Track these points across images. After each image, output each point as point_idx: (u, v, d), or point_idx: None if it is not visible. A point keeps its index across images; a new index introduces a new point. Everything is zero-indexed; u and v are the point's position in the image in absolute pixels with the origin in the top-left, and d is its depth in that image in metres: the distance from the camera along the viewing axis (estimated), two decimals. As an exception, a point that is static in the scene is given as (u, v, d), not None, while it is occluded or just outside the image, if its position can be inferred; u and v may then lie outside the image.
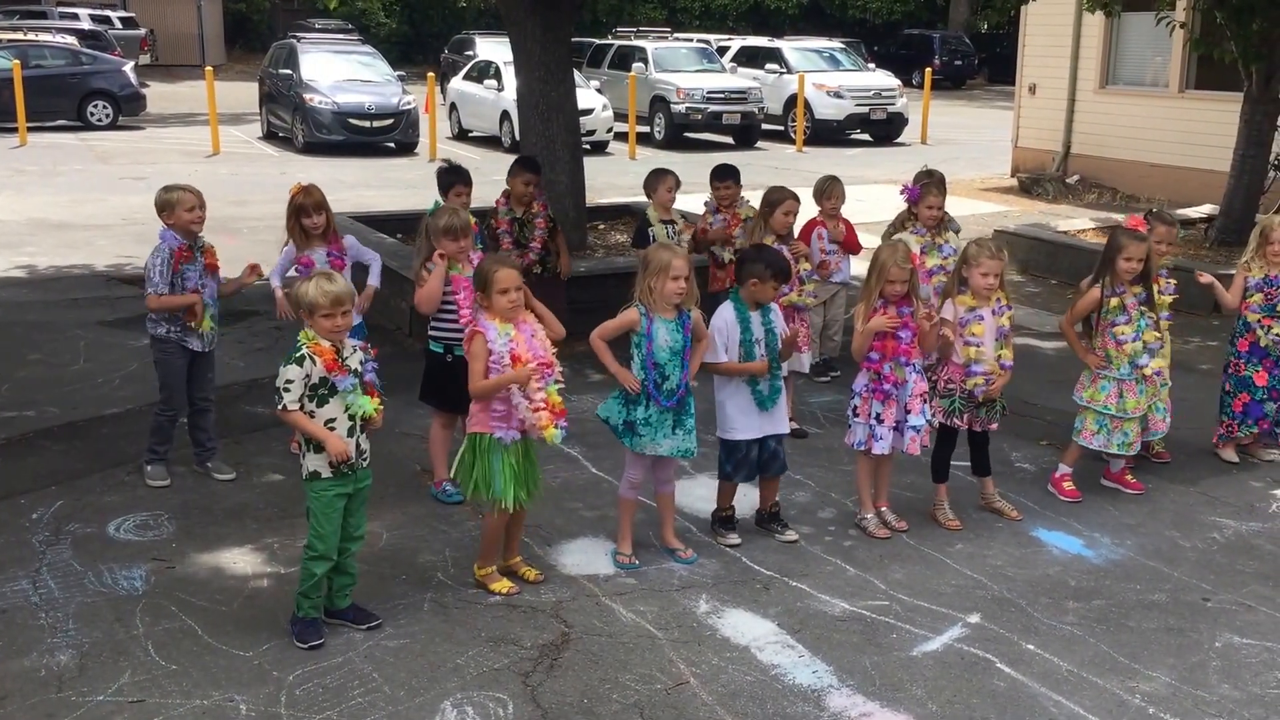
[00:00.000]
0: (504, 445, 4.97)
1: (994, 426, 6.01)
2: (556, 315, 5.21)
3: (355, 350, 4.75)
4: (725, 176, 8.04)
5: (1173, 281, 6.61)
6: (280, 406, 4.59)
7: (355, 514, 4.81)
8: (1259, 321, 6.77)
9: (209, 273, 6.20)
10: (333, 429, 4.62)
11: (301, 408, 4.59)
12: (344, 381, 4.62)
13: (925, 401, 5.74)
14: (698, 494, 6.14)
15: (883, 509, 5.93)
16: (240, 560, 5.45)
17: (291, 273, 6.27)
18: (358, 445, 4.69)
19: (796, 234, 7.45)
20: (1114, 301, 6.15)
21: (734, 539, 5.68)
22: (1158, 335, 6.24)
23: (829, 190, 7.97)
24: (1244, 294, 6.84)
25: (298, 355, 4.58)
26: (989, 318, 5.85)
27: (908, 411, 5.69)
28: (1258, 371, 6.83)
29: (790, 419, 7.18)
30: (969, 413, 5.91)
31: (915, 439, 5.71)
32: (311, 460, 4.65)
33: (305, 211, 6.26)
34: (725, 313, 5.55)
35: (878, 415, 5.68)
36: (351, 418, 4.66)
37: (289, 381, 4.56)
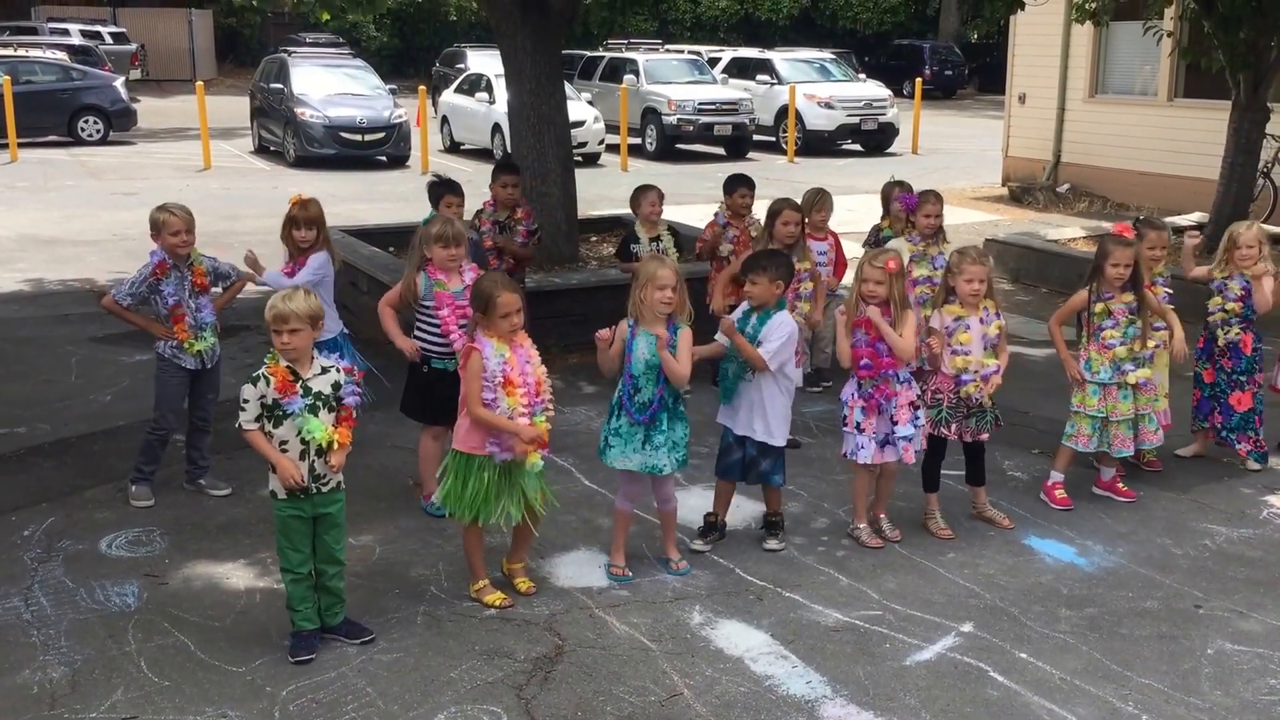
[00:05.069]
0: (493, 464, 4.98)
1: (984, 437, 6.01)
2: None
3: (330, 371, 4.73)
4: (740, 184, 7.90)
5: (1168, 291, 6.63)
6: (237, 425, 4.63)
7: (327, 535, 4.77)
8: (1218, 322, 6.85)
9: (199, 291, 6.19)
10: (286, 451, 4.61)
11: (261, 428, 4.61)
12: (293, 404, 4.59)
13: (914, 410, 5.75)
14: (690, 504, 6.13)
15: (879, 517, 5.93)
16: (233, 576, 5.44)
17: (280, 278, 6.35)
18: (312, 469, 4.64)
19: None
20: (1099, 307, 6.18)
21: (698, 544, 5.72)
22: (1149, 344, 6.25)
23: (818, 203, 7.97)
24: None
25: (254, 374, 4.63)
26: (975, 326, 5.87)
27: (895, 423, 5.70)
28: (1206, 369, 6.93)
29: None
30: (957, 423, 5.92)
31: (908, 448, 5.73)
32: (271, 479, 4.67)
33: (296, 224, 6.35)
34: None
35: (858, 425, 5.70)
36: (304, 442, 4.62)
37: (245, 400, 4.61)
